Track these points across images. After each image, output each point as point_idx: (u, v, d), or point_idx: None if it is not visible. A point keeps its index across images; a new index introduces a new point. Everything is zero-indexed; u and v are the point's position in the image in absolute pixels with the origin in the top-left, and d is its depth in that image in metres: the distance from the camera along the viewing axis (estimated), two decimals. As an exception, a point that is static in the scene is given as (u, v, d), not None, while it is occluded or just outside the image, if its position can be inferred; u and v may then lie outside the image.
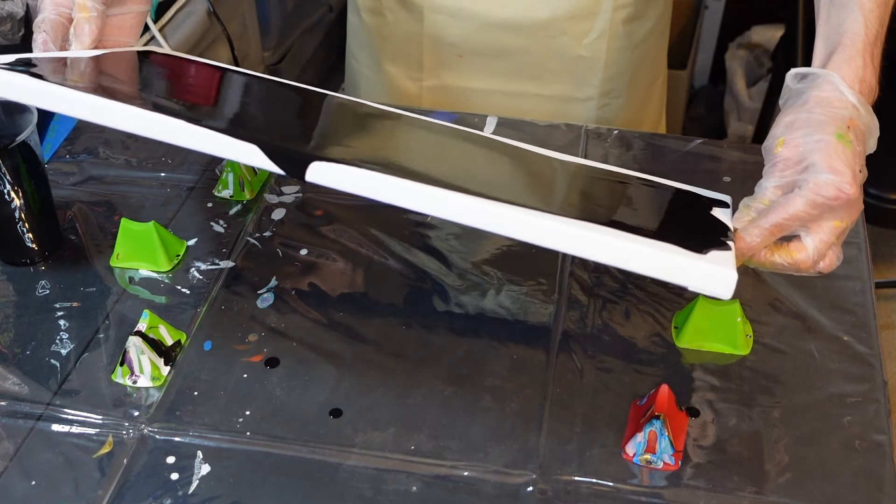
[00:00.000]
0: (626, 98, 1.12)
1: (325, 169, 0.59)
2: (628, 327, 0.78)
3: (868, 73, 0.65)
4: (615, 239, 0.57)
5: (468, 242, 0.86)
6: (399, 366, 0.75)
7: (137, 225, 0.82)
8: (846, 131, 0.62)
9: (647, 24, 1.09)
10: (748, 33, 2.27)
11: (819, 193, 0.60)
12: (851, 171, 0.61)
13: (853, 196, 0.61)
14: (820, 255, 0.63)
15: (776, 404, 0.72)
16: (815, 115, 0.63)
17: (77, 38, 0.72)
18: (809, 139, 0.62)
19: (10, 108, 0.80)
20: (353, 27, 1.17)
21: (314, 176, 0.59)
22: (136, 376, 0.73)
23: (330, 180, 0.59)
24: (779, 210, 0.62)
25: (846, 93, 0.64)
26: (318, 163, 0.59)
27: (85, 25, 0.72)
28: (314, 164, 0.59)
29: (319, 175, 0.59)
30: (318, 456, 0.68)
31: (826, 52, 0.67)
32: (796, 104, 0.65)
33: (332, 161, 0.59)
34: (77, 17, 0.72)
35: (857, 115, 0.63)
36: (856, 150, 0.62)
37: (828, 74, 0.65)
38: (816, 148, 0.61)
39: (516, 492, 0.66)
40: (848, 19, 0.66)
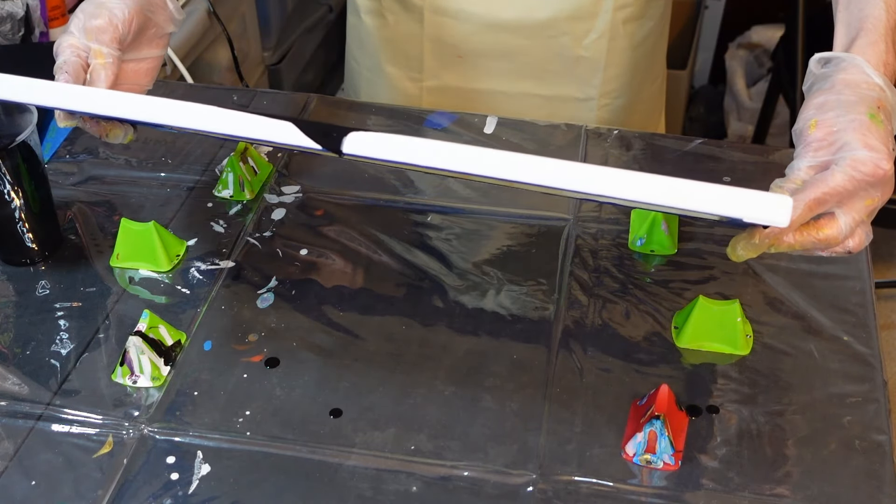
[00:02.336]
0: (627, 98, 1.12)
1: (362, 138, 0.59)
2: (628, 327, 0.78)
3: (891, 57, 0.66)
4: (664, 179, 0.56)
5: (468, 242, 0.86)
6: (399, 366, 0.75)
7: (137, 225, 0.82)
8: (877, 111, 0.62)
9: (647, 24, 1.09)
10: (748, 33, 2.27)
11: (857, 169, 0.60)
12: (886, 148, 0.61)
13: (889, 173, 0.61)
14: (850, 232, 0.63)
15: (776, 404, 0.72)
16: (845, 96, 0.63)
17: (93, 84, 0.72)
18: (842, 119, 0.62)
19: (10, 108, 0.80)
20: (353, 28, 1.17)
21: (351, 146, 0.59)
22: (136, 376, 0.73)
23: (367, 149, 0.59)
24: (818, 185, 0.61)
25: (872, 75, 0.64)
26: (355, 133, 0.59)
27: (101, 72, 0.72)
28: (351, 135, 0.59)
29: (357, 145, 0.59)
30: (318, 456, 0.68)
31: (848, 37, 0.67)
32: (823, 88, 0.65)
33: (368, 131, 0.59)
34: (93, 63, 0.73)
35: (885, 96, 0.64)
36: (887, 129, 0.62)
37: (853, 58, 0.65)
38: (850, 127, 0.62)
39: (516, 492, 0.66)
40: (869, 5, 0.67)
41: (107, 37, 0.73)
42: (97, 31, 0.73)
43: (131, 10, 0.74)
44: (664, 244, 0.84)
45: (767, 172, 0.93)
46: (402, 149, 0.58)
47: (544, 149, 0.96)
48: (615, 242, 0.85)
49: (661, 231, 0.83)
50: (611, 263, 0.83)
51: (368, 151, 0.59)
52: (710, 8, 2.25)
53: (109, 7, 0.74)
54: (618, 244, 0.85)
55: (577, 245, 0.85)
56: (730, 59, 2.26)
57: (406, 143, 0.58)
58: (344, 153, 0.60)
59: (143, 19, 0.76)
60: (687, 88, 2.13)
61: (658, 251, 0.84)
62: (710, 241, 0.85)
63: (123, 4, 0.74)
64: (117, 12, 0.73)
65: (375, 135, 0.59)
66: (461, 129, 0.98)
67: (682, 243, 0.85)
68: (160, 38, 0.78)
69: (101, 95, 0.65)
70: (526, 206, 0.89)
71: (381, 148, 0.59)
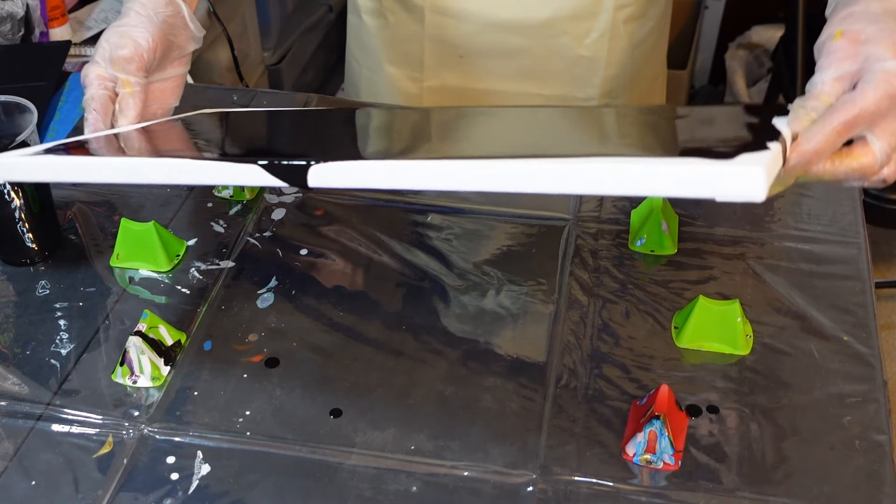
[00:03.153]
0: (627, 98, 1.12)
1: (324, 170, 0.59)
2: (628, 327, 0.78)
3: None
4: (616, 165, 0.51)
5: (468, 242, 0.86)
6: (399, 366, 0.75)
7: (137, 225, 0.82)
8: None
9: (647, 23, 1.09)
10: (748, 33, 2.27)
11: (891, 83, 0.55)
12: None
13: None
14: (887, 159, 0.57)
15: (776, 404, 0.72)
16: (873, 8, 0.59)
17: (122, 113, 0.73)
18: (870, 28, 0.58)
19: (10, 108, 0.81)
20: (354, 28, 1.17)
21: (316, 180, 0.59)
22: (136, 376, 0.73)
23: (332, 180, 0.59)
24: (847, 107, 0.55)
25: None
26: (316, 166, 0.59)
27: (129, 100, 0.73)
28: (313, 169, 0.59)
29: (321, 178, 0.59)
30: (318, 456, 0.68)
31: None
32: (848, 4, 0.61)
33: (328, 161, 0.59)
34: (122, 93, 0.74)
35: None
36: None
37: None
38: (879, 36, 0.57)
39: (516, 492, 0.66)
40: None
41: (133, 66, 0.74)
42: (124, 60, 0.73)
43: (155, 37, 0.75)
44: (664, 244, 0.84)
45: (767, 172, 0.93)
46: (367, 173, 0.57)
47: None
48: (615, 242, 0.85)
49: (661, 231, 0.83)
50: (611, 263, 0.83)
51: (333, 182, 0.58)
52: (710, 8, 2.25)
53: (133, 36, 0.74)
54: (618, 244, 0.85)
55: (577, 245, 0.85)
56: (730, 59, 2.26)
57: (368, 167, 0.57)
58: (311, 187, 0.59)
59: (167, 43, 0.76)
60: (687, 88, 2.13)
61: (658, 251, 0.84)
62: (710, 241, 0.86)
63: (147, 32, 0.75)
64: (142, 41, 0.74)
65: (336, 164, 0.58)
66: (461, 129, 0.98)
67: (682, 243, 0.85)
68: (183, 57, 0.79)
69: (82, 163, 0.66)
70: (526, 206, 0.89)
71: (344, 177, 0.58)
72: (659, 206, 0.84)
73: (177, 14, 0.78)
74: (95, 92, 0.74)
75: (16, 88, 0.88)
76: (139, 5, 0.76)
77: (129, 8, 0.77)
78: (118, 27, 0.75)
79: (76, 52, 1.24)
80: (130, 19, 0.76)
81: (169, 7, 0.77)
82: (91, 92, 0.74)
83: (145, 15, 0.76)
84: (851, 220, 0.88)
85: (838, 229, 0.87)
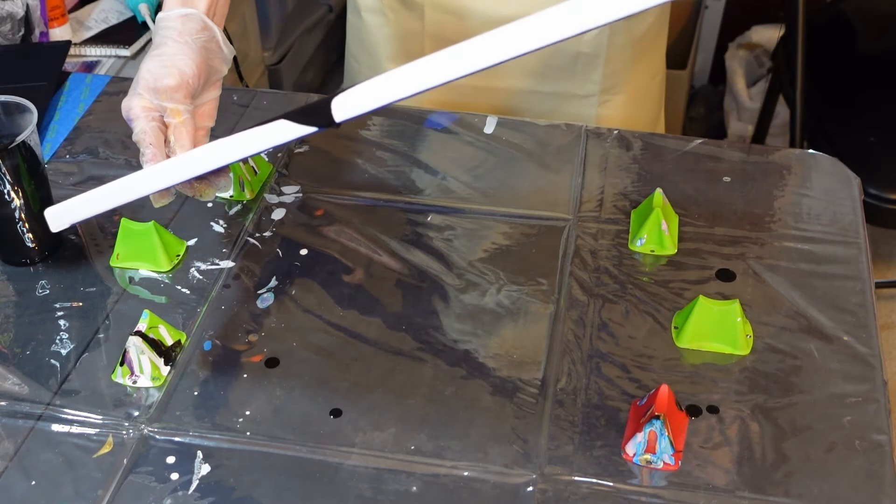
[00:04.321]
0: (626, 94, 1.12)
1: (346, 99, 0.58)
2: (628, 327, 0.78)
3: None
4: None
5: (468, 242, 0.86)
6: (399, 366, 0.75)
7: (137, 225, 0.82)
8: None
9: (647, 19, 1.09)
10: (748, 33, 2.27)
11: None
12: None
13: None
14: None
15: (776, 404, 0.72)
16: None
17: (179, 143, 0.73)
18: None
19: (10, 108, 0.81)
20: (354, 27, 1.17)
21: (341, 112, 0.58)
22: (136, 376, 0.73)
23: (357, 107, 0.58)
24: None
25: None
26: (337, 98, 0.58)
27: (182, 129, 0.73)
28: (335, 102, 0.58)
29: (345, 108, 0.58)
30: (318, 456, 0.68)
31: None
32: None
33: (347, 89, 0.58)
34: (173, 123, 0.73)
35: None
36: None
37: None
38: None
39: (516, 492, 0.66)
40: None
41: (180, 94, 0.73)
42: (170, 90, 0.72)
43: (198, 63, 0.74)
44: (664, 244, 0.84)
45: (767, 172, 0.93)
46: (389, 85, 0.57)
47: (544, 149, 0.96)
48: (615, 242, 0.85)
49: (661, 231, 0.83)
50: (611, 263, 0.83)
51: (359, 107, 0.58)
52: (710, 8, 2.24)
53: (177, 64, 0.73)
54: (618, 244, 0.85)
55: (577, 245, 0.85)
56: (730, 59, 2.26)
57: (389, 78, 0.57)
58: (338, 122, 0.59)
59: (208, 68, 0.76)
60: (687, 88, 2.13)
61: (658, 251, 0.84)
62: (710, 241, 0.86)
63: (189, 59, 0.74)
64: (186, 69, 0.73)
65: (356, 88, 0.57)
66: (461, 128, 0.99)
67: (682, 243, 0.85)
68: (218, 80, 0.78)
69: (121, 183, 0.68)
70: (526, 206, 0.89)
71: (369, 97, 0.58)
72: (659, 206, 0.84)
73: (212, 38, 0.76)
74: (146, 125, 0.72)
75: (16, 88, 0.88)
76: (175, 33, 0.75)
77: (165, 36, 0.75)
78: (157, 57, 0.74)
79: (76, 52, 1.24)
80: (168, 48, 0.74)
81: (205, 32, 0.76)
82: (141, 125, 0.72)
83: (183, 42, 0.74)
84: (851, 220, 0.88)
85: (838, 229, 0.87)
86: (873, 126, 1.70)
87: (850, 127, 1.71)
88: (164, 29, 0.76)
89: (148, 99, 0.73)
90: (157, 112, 0.73)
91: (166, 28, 0.75)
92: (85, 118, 1.00)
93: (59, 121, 1.00)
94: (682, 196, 0.90)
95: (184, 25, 0.75)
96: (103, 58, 1.24)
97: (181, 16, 0.76)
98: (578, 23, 0.54)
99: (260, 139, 0.63)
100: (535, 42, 0.55)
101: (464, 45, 0.56)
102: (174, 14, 0.76)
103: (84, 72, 1.18)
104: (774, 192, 0.91)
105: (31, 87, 1.02)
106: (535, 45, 0.55)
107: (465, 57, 0.56)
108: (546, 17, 0.54)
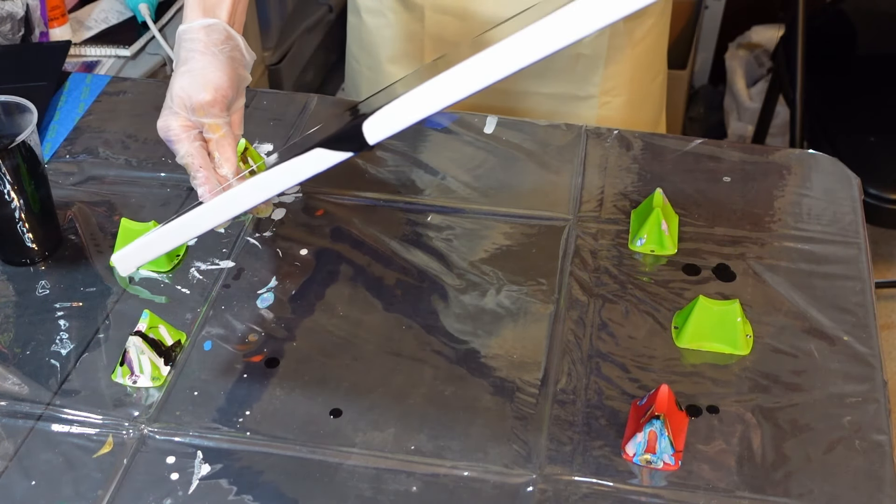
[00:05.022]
0: (627, 96, 1.12)
1: (376, 121, 0.59)
2: (628, 327, 0.78)
3: None
4: None
5: (468, 242, 0.86)
6: (399, 366, 0.75)
7: (137, 225, 0.82)
8: None
9: (647, 21, 1.09)
10: (748, 33, 2.27)
11: None
12: None
13: None
14: None
15: (776, 404, 0.72)
16: None
17: (225, 158, 0.72)
18: None
19: (10, 108, 0.81)
20: (354, 28, 1.17)
21: (373, 134, 0.59)
22: (136, 376, 0.73)
23: (387, 128, 0.59)
24: None
25: None
26: (368, 120, 0.59)
27: (224, 143, 0.72)
28: (366, 125, 0.59)
29: (377, 130, 0.59)
30: (318, 456, 0.68)
31: None
32: None
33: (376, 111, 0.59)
34: (214, 139, 0.72)
35: None
36: None
37: None
38: None
39: (516, 492, 0.66)
40: None
41: (216, 108, 0.72)
42: (206, 105, 0.72)
43: (228, 75, 0.73)
44: (664, 244, 0.84)
45: (767, 172, 0.93)
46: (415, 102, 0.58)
47: (544, 149, 0.96)
48: (615, 242, 0.85)
49: (661, 231, 0.83)
50: (611, 263, 0.83)
51: (390, 128, 0.59)
52: (710, 8, 2.24)
53: (209, 78, 0.72)
54: (618, 244, 0.85)
55: (577, 245, 0.85)
56: (730, 59, 2.26)
57: (414, 95, 0.58)
58: (371, 144, 0.60)
59: (237, 78, 0.75)
60: (687, 88, 2.13)
61: (658, 251, 0.84)
62: (710, 241, 0.86)
63: (220, 72, 0.73)
64: (220, 82, 0.73)
65: (384, 109, 0.58)
66: (461, 128, 0.99)
67: (682, 243, 0.85)
68: (244, 87, 0.78)
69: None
70: (526, 206, 0.89)
71: (397, 117, 0.58)
72: (659, 206, 0.84)
73: (236, 47, 0.76)
74: (190, 147, 0.72)
75: (16, 88, 0.88)
76: (201, 45, 0.74)
77: (191, 49, 0.74)
78: (188, 73, 0.73)
79: (76, 52, 1.24)
80: (197, 62, 0.73)
81: (229, 42, 0.75)
82: (185, 148, 0.72)
83: (210, 54, 0.73)
84: (851, 220, 0.88)
85: (838, 229, 0.87)
86: (873, 126, 1.70)
87: (850, 127, 1.71)
88: (189, 41, 0.74)
89: (185, 117, 0.72)
90: (196, 129, 0.72)
91: (191, 41, 0.74)
92: (85, 118, 1.00)
93: (59, 121, 1.00)
94: (682, 196, 0.90)
95: (208, 37, 0.74)
96: (103, 58, 1.24)
97: (204, 27, 0.74)
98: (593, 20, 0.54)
99: (300, 169, 0.64)
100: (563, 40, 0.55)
101: (488, 52, 0.56)
102: (197, 26, 0.75)
103: (84, 72, 1.19)
104: (774, 192, 0.91)
105: (31, 87, 1.02)
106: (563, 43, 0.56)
107: (491, 65, 0.56)
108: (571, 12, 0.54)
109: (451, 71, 0.57)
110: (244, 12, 0.79)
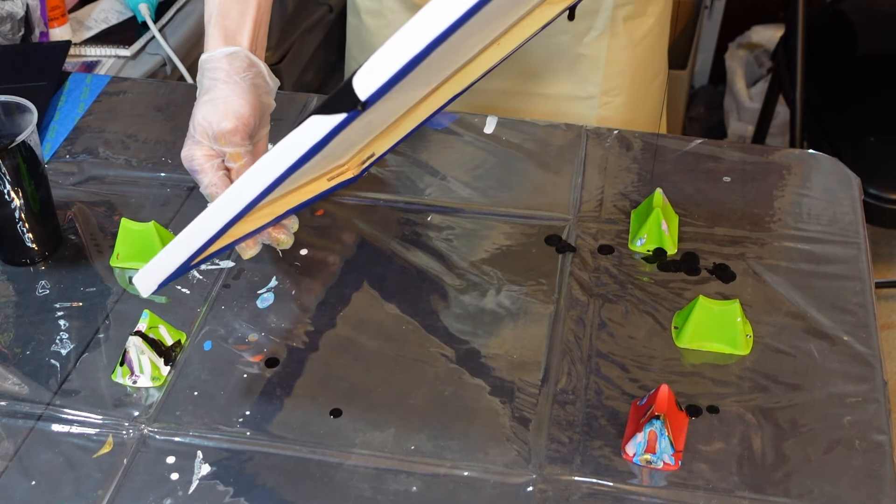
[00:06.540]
0: (627, 96, 1.12)
1: (366, 74, 0.55)
2: (628, 327, 0.78)
3: None
4: None
5: (468, 242, 0.86)
6: (399, 366, 0.75)
7: (137, 225, 0.82)
8: None
9: (647, 21, 1.09)
10: (748, 33, 2.27)
11: None
12: None
13: None
14: None
15: (776, 404, 0.72)
16: None
17: None
18: None
19: (10, 108, 0.81)
20: (354, 29, 1.17)
21: (365, 89, 0.56)
22: (136, 376, 0.73)
23: (378, 78, 0.56)
24: None
25: None
26: (357, 76, 0.56)
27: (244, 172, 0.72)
28: (356, 80, 0.56)
29: (368, 83, 0.56)
30: (318, 456, 0.68)
31: None
32: None
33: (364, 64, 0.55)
34: (235, 168, 0.72)
35: None
36: None
37: None
38: None
39: (516, 492, 0.66)
40: None
41: (238, 137, 0.72)
42: (228, 134, 0.72)
43: (251, 103, 0.73)
44: (664, 244, 0.84)
45: (767, 172, 0.93)
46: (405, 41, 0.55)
47: (544, 149, 0.96)
48: (615, 242, 0.85)
49: (661, 231, 0.83)
50: (611, 263, 0.83)
51: (382, 75, 0.55)
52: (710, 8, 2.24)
53: (232, 106, 0.72)
54: (618, 244, 0.85)
55: (577, 245, 0.85)
56: (730, 59, 2.26)
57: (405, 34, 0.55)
58: (365, 101, 0.56)
59: (260, 105, 0.75)
60: (687, 88, 2.13)
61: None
62: (710, 241, 0.86)
63: (243, 100, 0.73)
64: (242, 110, 0.72)
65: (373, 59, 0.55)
66: (461, 128, 0.99)
67: (682, 243, 0.85)
68: (268, 114, 0.77)
69: None
70: (526, 206, 0.89)
71: (388, 63, 0.55)
72: (659, 206, 0.84)
73: (259, 74, 0.75)
74: (214, 177, 0.72)
75: (16, 88, 0.88)
76: (223, 73, 0.73)
77: (213, 78, 0.74)
78: (210, 102, 0.72)
79: (76, 52, 1.24)
80: (220, 91, 0.73)
81: (251, 69, 0.74)
82: (209, 178, 0.72)
83: (233, 82, 0.73)
84: (851, 220, 0.88)
85: (838, 229, 0.87)
86: (873, 126, 1.70)
87: (850, 127, 1.71)
88: (212, 70, 0.74)
89: (207, 146, 0.72)
90: (219, 158, 0.72)
91: (213, 69, 0.74)
92: (85, 118, 1.00)
93: (59, 121, 1.00)
94: (682, 196, 0.90)
95: (231, 65, 0.74)
96: (103, 58, 1.24)
97: (226, 55, 0.74)
98: None
99: (298, 142, 0.60)
100: None
101: None
102: (219, 54, 0.74)
103: (84, 72, 1.18)
104: (774, 192, 0.91)
105: (31, 87, 1.02)
106: None
107: None
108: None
109: (430, 5, 0.55)
110: (265, 38, 0.79)
